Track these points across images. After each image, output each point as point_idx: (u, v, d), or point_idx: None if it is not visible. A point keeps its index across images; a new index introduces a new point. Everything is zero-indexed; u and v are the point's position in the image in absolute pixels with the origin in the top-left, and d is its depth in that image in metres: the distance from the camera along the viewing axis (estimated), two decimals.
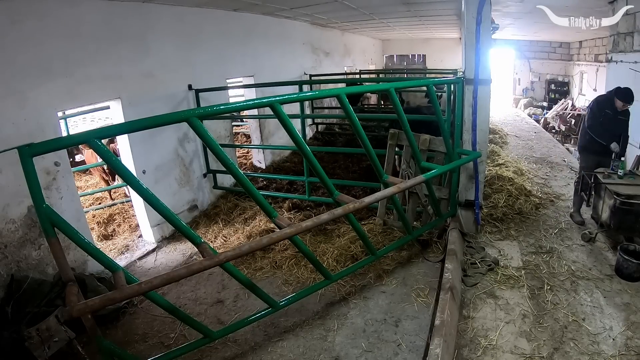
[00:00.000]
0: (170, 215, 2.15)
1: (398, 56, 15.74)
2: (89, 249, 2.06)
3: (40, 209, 1.84)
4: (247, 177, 2.37)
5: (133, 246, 4.47)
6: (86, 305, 1.72)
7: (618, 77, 5.32)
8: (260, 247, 2.32)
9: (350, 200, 2.65)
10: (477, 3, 3.42)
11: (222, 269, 2.32)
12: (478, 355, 2.48)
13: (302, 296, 2.90)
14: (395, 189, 2.87)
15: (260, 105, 2.47)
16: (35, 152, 1.80)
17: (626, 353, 2.41)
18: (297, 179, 5.45)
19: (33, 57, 3.15)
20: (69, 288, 1.82)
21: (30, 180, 1.81)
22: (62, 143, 1.99)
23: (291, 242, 2.62)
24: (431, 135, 3.87)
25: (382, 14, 7.46)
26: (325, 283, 2.98)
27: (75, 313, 1.68)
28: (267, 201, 2.59)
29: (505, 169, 5.29)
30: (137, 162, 4.18)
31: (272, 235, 2.35)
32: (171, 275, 1.95)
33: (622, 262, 3.11)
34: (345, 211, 2.56)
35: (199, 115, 2.10)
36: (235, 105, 2.50)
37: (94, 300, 1.78)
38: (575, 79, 12.14)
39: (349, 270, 3.17)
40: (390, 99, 2.96)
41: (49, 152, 1.91)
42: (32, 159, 1.80)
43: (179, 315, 2.36)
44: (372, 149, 2.89)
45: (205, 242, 2.23)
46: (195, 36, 4.93)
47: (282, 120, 2.39)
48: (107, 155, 1.99)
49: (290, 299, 2.83)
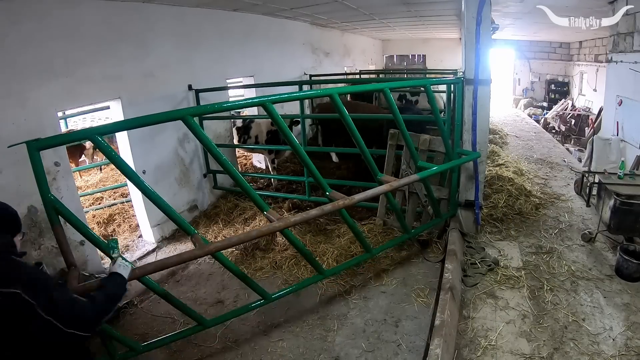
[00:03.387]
0: (166, 206, 2.28)
1: (398, 56, 15.73)
2: (90, 235, 2.22)
3: (46, 198, 1.99)
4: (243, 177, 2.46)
5: (133, 246, 4.47)
6: (84, 287, 1.86)
7: (618, 78, 5.33)
8: (250, 239, 2.47)
9: (342, 197, 2.71)
10: (477, 3, 3.42)
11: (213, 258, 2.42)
12: (478, 355, 2.48)
13: (295, 289, 2.97)
14: (387, 187, 2.91)
15: (252, 104, 2.57)
16: (42, 146, 1.96)
17: (626, 353, 2.40)
18: (297, 179, 5.46)
19: (33, 57, 3.15)
20: (71, 271, 1.97)
21: (37, 171, 1.96)
22: (67, 138, 2.21)
23: (282, 234, 2.70)
24: (431, 136, 3.87)
25: (382, 14, 7.46)
26: (318, 277, 3.03)
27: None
28: (267, 202, 2.63)
29: (505, 169, 5.29)
30: (137, 162, 4.18)
31: (262, 229, 2.44)
32: (163, 262, 2.08)
33: (622, 262, 3.11)
34: (334, 207, 2.63)
35: (194, 113, 2.22)
36: (228, 104, 2.58)
37: (91, 283, 1.95)
38: (575, 79, 12.14)
39: (343, 266, 3.20)
40: (385, 98, 2.98)
41: (55, 147, 2.11)
42: (39, 152, 1.95)
43: (172, 301, 2.45)
44: (366, 148, 2.95)
45: (198, 233, 2.35)
46: (195, 36, 4.93)
47: (274, 119, 2.45)
48: (109, 151, 2.11)
49: (283, 292, 2.89)
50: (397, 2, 5.84)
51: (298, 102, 5.26)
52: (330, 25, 8.66)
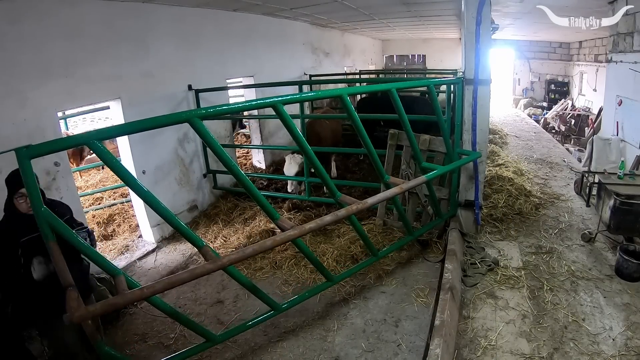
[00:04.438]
0: (171, 217, 2.11)
1: (398, 56, 15.73)
2: (89, 253, 2.02)
3: (38, 212, 1.75)
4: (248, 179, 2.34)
5: (133, 246, 4.46)
6: (87, 311, 1.67)
7: (618, 78, 5.33)
8: (264, 249, 2.26)
9: (353, 202, 2.61)
10: (477, 3, 3.43)
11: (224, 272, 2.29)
12: (478, 355, 2.48)
13: (305, 298, 2.86)
14: (398, 189, 2.84)
15: (263, 105, 2.42)
16: (33, 154, 1.72)
17: (626, 353, 2.40)
18: (297, 179, 5.45)
19: (33, 57, 3.15)
20: (69, 293, 1.75)
21: (28, 183, 1.72)
22: (60, 145, 1.90)
23: (294, 244, 2.60)
24: (431, 136, 3.87)
25: (382, 14, 7.46)
26: (327, 285, 2.94)
27: (75, 319, 1.64)
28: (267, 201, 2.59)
29: (505, 169, 5.29)
30: (137, 162, 4.18)
31: (276, 238, 2.28)
32: (173, 279, 1.90)
33: (622, 262, 3.11)
34: (348, 212, 2.52)
35: (201, 115, 2.05)
36: (238, 106, 2.47)
37: (95, 306, 1.74)
38: (575, 79, 12.13)
39: (351, 272, 3.14)
40: (392, 99, 2.96)
41: (48, 154, 1.83)
42: (30, 161, 1.71)
43: (181, 320, 2.32)
44: (374, 149, 2.88)
45: (208, 245, 2.18)
46: (195, 36, 4.93)
47: (284, 120, 2.34)
48: (107, 156, 1.94)
49: (293, 302, 2.79)
50: (397, 2, 5.84)
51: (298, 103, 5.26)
52: (330, 25, 8.66)
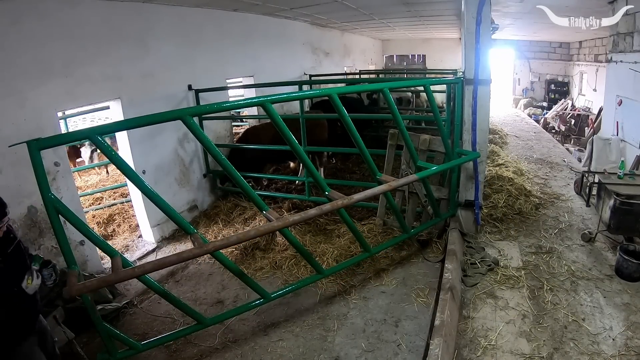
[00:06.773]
0: (165, 206, 2.29)
1: (398, 56, 15.72)
2: (90, 234, 2.25)
3: (46, 197, 2.01)
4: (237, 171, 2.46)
5: (133, 246, 4.46)
6: (84, 285, 1.87)
7: (618, 77, 5.33)
8: (248, 238, 2.46)
9: (340, 197, 2.70)
10: (477, 3, 3.42)
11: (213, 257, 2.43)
12: (478, 355, 2.48)
13: (294, 289, 2.97)
14: (386, 186, 2.91)
15: (251, 104, 2.60)
16: (42, 146, 1.97)
17: (626, 353, 2.40)
18: (297, 179, 5.46)
19: (33, 57, 3.16)
20: (71, 271, 2.00)
21: (38, 171, 1.98)
22: (67, 138, 2.26)
23: (281, 234, 2.71)
24: (431, 136, 3.87)
25: (382, 14, 7.46)
26: (317, 277, 3.03)
27: (74, 292, 1.84)
28: (267, 202, 2.63)
29: (505, 169, 5.29)
30: (137, 162, 4.18)
31: (260, 228, 2.44)
32: (162, 260, 2.08)
33: (622, 262, 3.11)
34: (333, 207, 2.63)
35: (193, 113, 2.25)
36: (228, 104, 2.59)
37: (92, 281, 1.97)
38: (575, 79, 12.13)
39: (342, 266, 3.20)
40: (385, 98, 2.99)
41: (55, 146, 2.13)
42: (39, 152, 1.96)
43: (171, 300, 2.47)
44: (365, 148, 2.94)
45: (198, 232, 2.36)
46: (195, 36, 4.93)
47: (273, 119, 2.45)
48: (109, 150, 2.13)
49: (282, 291, 2.89)
50: (397, 2, 5.84)
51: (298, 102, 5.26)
52: (330, 25, 8.66)
